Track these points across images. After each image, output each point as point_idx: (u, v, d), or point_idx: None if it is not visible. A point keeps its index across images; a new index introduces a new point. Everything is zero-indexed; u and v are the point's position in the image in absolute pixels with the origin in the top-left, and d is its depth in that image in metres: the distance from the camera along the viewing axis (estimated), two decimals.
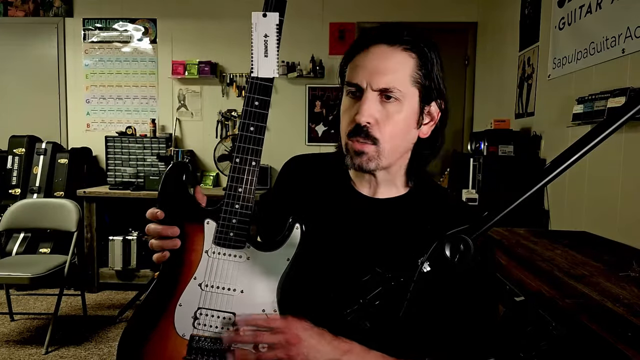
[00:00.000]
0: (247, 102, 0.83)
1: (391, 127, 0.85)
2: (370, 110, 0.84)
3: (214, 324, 0.84)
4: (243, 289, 0.85)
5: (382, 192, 0.94)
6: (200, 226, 0.85)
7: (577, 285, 1.38)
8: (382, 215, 0.92)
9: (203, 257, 0.85)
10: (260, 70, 0.82)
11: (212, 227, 0.85)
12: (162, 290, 0.86)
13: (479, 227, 0.61)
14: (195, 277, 0.85)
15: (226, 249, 0.84)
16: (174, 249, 0.85)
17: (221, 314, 0.85)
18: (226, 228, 0.84)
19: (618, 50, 2.22)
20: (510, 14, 3.65)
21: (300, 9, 4.51)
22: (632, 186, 2.11)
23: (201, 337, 0.84)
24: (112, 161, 4.10)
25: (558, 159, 0.58)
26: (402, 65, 0.85)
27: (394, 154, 0.88)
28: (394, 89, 0.84)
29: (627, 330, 1.04)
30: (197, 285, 0.85)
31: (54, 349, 2.87)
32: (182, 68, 4.61)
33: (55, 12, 4.76)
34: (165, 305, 0.85)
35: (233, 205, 0.84)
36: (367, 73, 0.84)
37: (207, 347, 0.84)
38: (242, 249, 0.84)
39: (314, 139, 4.69)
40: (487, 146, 3.06)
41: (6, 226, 3.15)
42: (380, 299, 0.66)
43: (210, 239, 0.85)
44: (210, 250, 0.85)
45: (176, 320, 0.85)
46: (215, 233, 0.84)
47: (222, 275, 0.85)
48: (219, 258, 0.85)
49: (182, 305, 0.85)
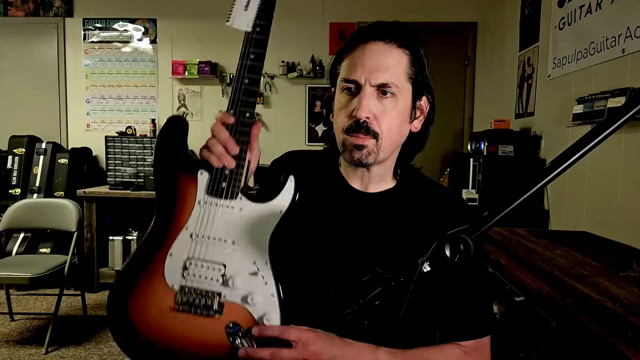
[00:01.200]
0: (243, 56, 0.82)
1: (388, 122, 0.87)
2: (369, 105, 0.86)
3: (203, 275, 0.83)
4: (235, 239, 0.83)
5: (373, 187, 0.96)
6: (194, 177, 0.84)
7: (577, 285, 1.38)
8: (375, 208, 0.94)
9: (195, 207, 0.84)
10: (235, 21, 0.81)
11: (205, 178, 0.84)
12: (153, 241, 0.85)
13: (479, 227, 0.61)
14: (187, 227, 0.84)
15: (219, 199, 0.83)
16: (165, 202, 0.84)
17: (211, 264, 0.83)
18: (219, 178, 0.83)
19: (618, 50, 2.22)
20: (510, 14, 3.65)
21: (300, 9, 4.51)
22: (632, 186, 2.11)
23: (190, 289, 0.82)
24: (112, 161, 4.09)
25: (558, 159, 0.58)
26: (398, 62, 0.87)
27: (390, 148, 0.91)
28: (392, 85, 0.86)
29: (627, 330, 1.04)
30: (189, 235, 0.83)
31: (54, 349, 2.87)
32: (182, 68, 4.61)
33: (55, 12, 4.76)
34: (155, 255, 0.84)
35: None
36: (366, 69, 0.86)
37: (195, 299, 0.82)
38: (234, 200, 0.83)
39: (314, 139, 4.70)
40: (487, 146, 3.06)
41: (6, 226, 3.15)
42: (380, 299, 0.66)
43: (203, 189, 0.84)
44: (203, 200, 0.83)
45: (166, 270, 0.83)
46: (208, 183, 0.83)
47: (214, 226, 0.83)
48: (211, 208, 0.83)
49: (172, 255, 0.83)
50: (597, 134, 0.57)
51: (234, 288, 0.82)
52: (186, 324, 0.82)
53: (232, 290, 0.82)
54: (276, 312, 0.82)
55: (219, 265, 0.83)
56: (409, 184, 0.97)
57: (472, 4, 4.50)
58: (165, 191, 0.86)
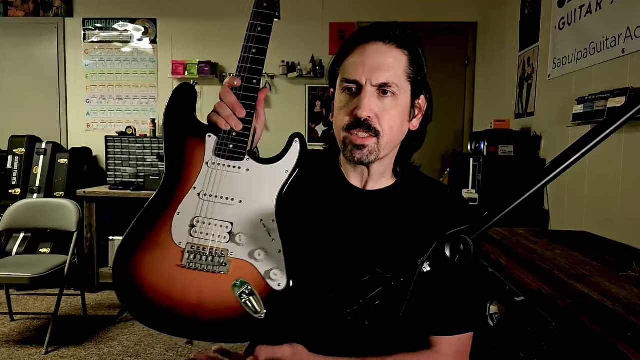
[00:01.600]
0: (250, 28, 0.88)
1: (389, 120, 0.88)
2: (370, 105, 0.87)
3: (210, 232, 0.84)
4: (242, 199, 0.86)
5: (372, 184, 0.97)
6: (202, 140, 0.87)
7: (577, 285, 1.38)
8: (374, 206, 0.95)
9: (203, 167, 0.86)
10: None
11: (213, 141, 0.87)
12: (160, 201, 0.87)
13: (479, 227, 0.61)
14: (195, 187, 0.86)
15: (226, 160, 0.86)
16: (173, 163, 0.87)
17: (218, 222, 0.85)
18: (226, 140, 0.86)
19: (618, 50, 2.22)
20: (510, 14, 3.65)
21: (300, 9, 4.51)
22: (632, 186, 2.11)
23: (197, 246, 0.84)
24: (112, 161, 4.09)
25: (558, 159, 0.58)
26: (398, 62, 0.88)
27: (390, 147, 0.92)
28: (392, 84, 0.87)
29: (627, 330, 1.04)
30: (196, 194, 0.86)
31: (54, 349, 2.87)
32: (182, 68, 4.61)
33: (55, 12, 4.76)
34: (163, 214, 0.86)
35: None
36: (367, 69, 0.87)
37: (202, 256, 0.84)
38: (241, 161, 0.86)
39: (314, 139, 4.69)
40: (487, 146, 3.06)
41: (6, 226, 3.15)
42: (380, 299, 0.66)
43: (211, 150, 0.87)
44: (211, 162, 0.86)
45: (173, 228, 0.85)
46: (216, 145, 0.86)
47: (221, 186, 0.86)
48: (219, 169, 0.86)
49: (180, 214, 0.85)
50: (597, 134, 0.57)
51: (241, 244, 0.84)
52: (193, 281, 0.83)
53: (239, 246, 0.84)
54: (282, 268, 0.83)
55: (226, 223, 0.85)
56: (409, 181, 0.98)
57: (472, 4, 4.50)
58: (174, 153, 0.88)
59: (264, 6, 0.88)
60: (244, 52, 0.87)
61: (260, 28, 0.87)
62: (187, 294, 0.83)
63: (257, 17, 0.88)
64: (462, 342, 0.90)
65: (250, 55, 0.87)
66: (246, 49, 0.87)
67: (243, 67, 0.87)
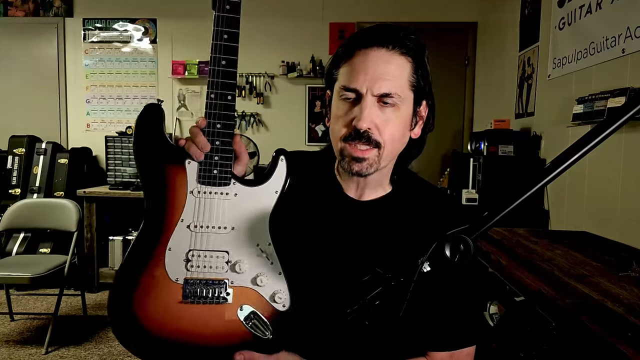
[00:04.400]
0: (215, 36, 0.80)
1: (390, 131, 0.84)
2: (371, 116, 0.82)
3: (207, 264, 0.82)
4: (234, 225, 0.83)
5: (368, 194, 0.93)
6: (182, 167, 0.82)
7: (577, 285, 1.38)
8: (369, 218, 0.91)
9: (188, 197, 0.82)
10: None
11: (194, 167, 0.82)
12: (148, 237, 0.83)
13: (479, 227, 0.61)
14: (183, 219, 0.82)
15: (212, 187, 0.82)
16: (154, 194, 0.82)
17: (214, 253, 0.82)
18: (209, 166, 0.81)
19: (618, 50, 2.22)
20: (510, 14, 3.65)
21: (300, 9, 4.51)
22: (632, 186, 2.11)
23: (196, 280, 0.81)
24: (112, 161, 4.09)
25: (558, 159, 0.58)
26: (401, 70, 0.84)
27: (390, 157, 0.88)
28: (395, 95, 0.82)
29: (627, 330, 1.04)
30: (186, 227, 0.82)
31: (54, 349, 2.87)
32: (182, 68, 4.61)
33: (55, 12, 4.76)
34: (153, 251, 0.82)
35: (214, 142, 0.81)
36: (368, 78, 0.82)
37: (203, 289, 0.81)
38: (228, 186, 0.82)
39: (314, 139, 4.69)
40: (487, 146, 3.06)
41: (6, 226, 3.15)
42: (380, 299, 0.66)
43: (194, 178, 0.82)
44: (196, 190, 0.82)
45: (167, 265, 0.81)
46: (199, 172, 0.82)
47: (211, 214, 0.82)
48: (205, 197, 0.82)
49: (171, 250, 0.82)
50: (597, 134, 0.57)
51: (241, 272, 0.82)
52: (196, 315, 0.81)
53: (240, 274, 0.82)
54: (285, 289, 0.83)
55: (222, 252, 0.83)
56: (405, 188, 0.95)
57: (472, 4, 4.50)
58: (153, 184, 0.83)
59: (226, 9, 0.80)
60: (212, 65, 0.80)
61: (227, 35, 0.80)
62: (192, 328, 0.82)
63: (221, 23, 0.80)
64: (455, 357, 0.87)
65: (220, 69, 0.80)
66: (215, 60, 0.80)
67: (215, 83, 0.80)
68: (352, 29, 4.56)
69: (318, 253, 0.90)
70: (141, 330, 0.82)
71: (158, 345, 0.82)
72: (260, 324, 0.81)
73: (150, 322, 0.82)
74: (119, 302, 0.83)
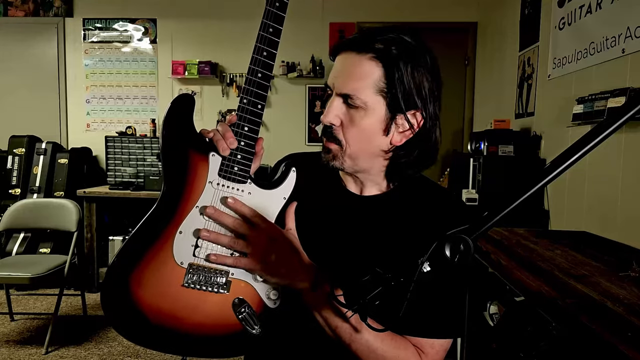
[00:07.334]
0: (256, 51, 0.87)
1: (354, 132, 0.87)
2: (335, 111, 0.87)
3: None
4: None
5: (368, 190, 0.96)
6: (205, 157, 0.86)
7: (577, 285, 1.38)
8: (370, 212, 0.94)
9: (207, 186, 0.85)
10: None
11: (217, 160, 0.86)
12: (160, 217, 0.84)
13: (479, 227, 0.61)
14: (198, 206, 0.85)
15: (230, 182, 0.86)
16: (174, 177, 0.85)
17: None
18: (231, 162, 0.86)
19: (618, 50, 2.22)
20: (510, 14, 3.65)
21: (300, 9, 4.51)
22: (632, 186, 2.11)
23: (200, 267, 0.83)
24: (112, 161, 4.09)
25: (558, 159, 0.58)
26: (367, 74, 0.85)
27: (361, 157, 0.89)
28: (355, 97, 0.85)
29: (627, 330, 1.04)
30: (200, 213, 0.85)
31: (54, 349, 2.87)
32: (182, 68, 4.61)
33: (55, 12, 4.76)
34: (163, 231, 0.84)
35: (239, 142, 0.86)
36: (334, 77, 0.88)
37: (204, 276, 0.83)
38: (244, 184, 0.87)
39: (314, 139, 4.70)
40: (487, 146, 3.06)
41: (6, 226, 3.15)
42: (380, 299, 0.66)
43: (215, 170, 0.86)
44: (215, 182, 0.86)
45: (175, 247, 0.83)
46: (221, 166, 0.86)
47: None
48: (223, 190, 0.86)
49: (182, 233, 0.84)
50: (597, 134, 0.57)
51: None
52: (192, 300, 0.83)
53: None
54: (279, 288, 0.86)
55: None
56: (406, 186, 0.96)
57: (472, 4, 4.50)
58: (176, 166, 0.86)
59: (276, 5, 0.90)
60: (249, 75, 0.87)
61: (266, 53, 0.88)
62: (185, 313, 0.83)
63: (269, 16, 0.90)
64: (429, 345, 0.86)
65: (255, 79, 0.87)
66: (251, 74, 0.87)
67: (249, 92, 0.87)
68: (352, 29, 4.56)
69: (320, 244, 0.91)
70: (134, 309, 0.82)
71: (150, 328, 0.83)
72: (251, 317, 0.83)
73: (146, 301, 0.82)
74: (115, 279, 0.83)
